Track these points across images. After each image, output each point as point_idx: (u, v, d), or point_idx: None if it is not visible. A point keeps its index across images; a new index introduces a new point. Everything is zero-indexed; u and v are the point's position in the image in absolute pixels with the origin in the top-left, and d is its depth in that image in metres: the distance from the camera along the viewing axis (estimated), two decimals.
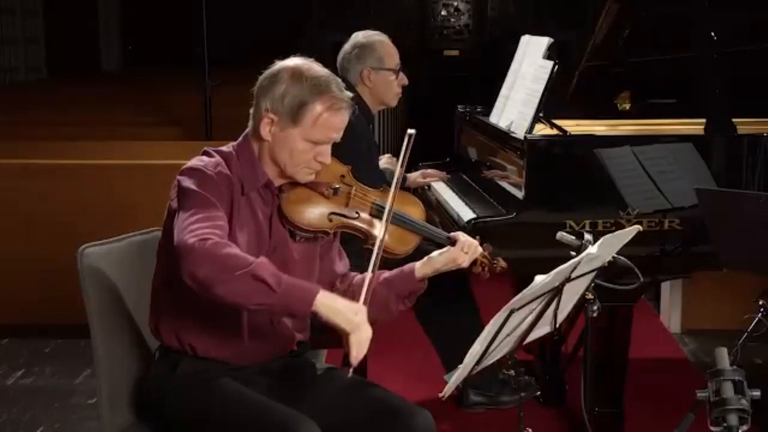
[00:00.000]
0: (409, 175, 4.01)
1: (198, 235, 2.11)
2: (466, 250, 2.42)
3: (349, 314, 2.14)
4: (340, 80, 2.36)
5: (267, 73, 2.35)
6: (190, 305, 2.28)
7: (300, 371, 2.46)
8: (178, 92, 7.75)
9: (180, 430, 2.32)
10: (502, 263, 2.48)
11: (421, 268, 2.45)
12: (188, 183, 2.24)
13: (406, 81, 3.75)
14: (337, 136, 2.34)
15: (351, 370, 2.17)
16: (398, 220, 2.43)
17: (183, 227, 2.15)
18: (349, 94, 2.35)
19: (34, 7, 10.87)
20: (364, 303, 2.20)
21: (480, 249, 2.45)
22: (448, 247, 2.44)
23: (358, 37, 3.73)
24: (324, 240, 2.46)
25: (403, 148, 2.38)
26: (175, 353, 2.36)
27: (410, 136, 2.38)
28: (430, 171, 4.04)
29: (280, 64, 2.36)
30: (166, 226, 2.30)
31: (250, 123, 2.37)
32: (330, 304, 2.14)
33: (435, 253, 2.45)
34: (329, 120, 2.30)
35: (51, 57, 11.16)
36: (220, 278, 2.08)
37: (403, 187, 3.95)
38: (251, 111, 2.36)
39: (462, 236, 2.44)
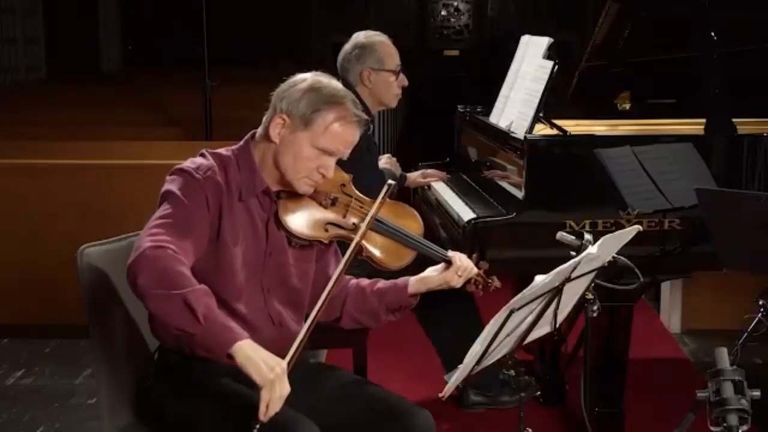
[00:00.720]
0: (409, 174, 4.02)
1: (155, 242, 2.09)
2: (460, 273, 2.42)
3: (264, 369, 2.04)
4: (357, 100, 2.38)
5: (288, 80, 2.37)
6: None
7: (299, 371, 2.46)
8: (178, 92, 7.76)
9: (179, 430, 2.32)
10: (497, 283, 2.48)
11: (414, 284, 2.46)
12: (173, 186, 2.24)
13: (406, 82, 3.74)
14: (344, 150, 2.34)
15: (257, 426, 2.05)
16: (395, 235, 2.43)
17: (148, 227, 2.16)
18: (365, 116, 2.37)
19: (34, 7, 10.88)
20: (292, 358, 2.12)
21: (475, 270, 2.45)
22: (443, 265, 2.44)
23: (359, 37, 3.72)
24: (320, 245, 2.46)
25: (381, 194, 2.40)
26: (174, 353, 2.36)
27: (389, 186, 2.41)
28: (430, 171, 4.04)
29: (301, 75, 2.38)
30: None
31: (261, 126, 2.37)
32: (248, 355, 2.05)
33: (430, 272, 2.46)
34: (339, 130, 2.31)
35: (51, 57, 11.18)
36: (153, 292, 2.05)
37: (403, 186, 3.95)
38: (265, 115, 2.36)
39: (458, 259, 2.43)
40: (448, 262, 2.43)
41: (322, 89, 2.32)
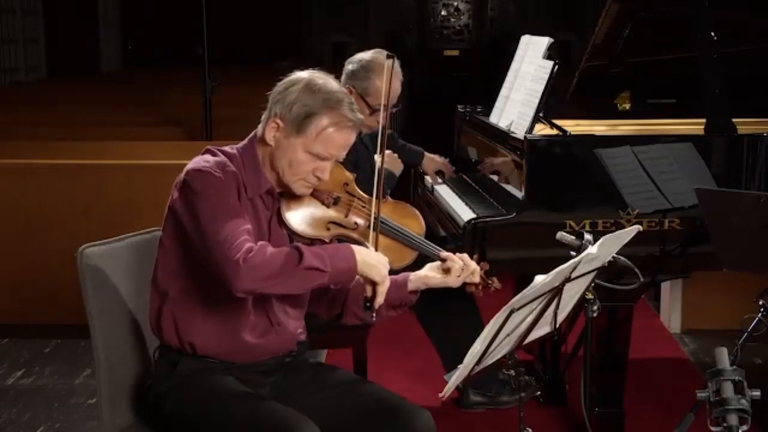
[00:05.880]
0: (428, 155, 3.94)
1: (239, 249, 2.15)
2: (458, 273, 2.42)
3: (382, 269, 2.30)
4: (353, 100, 2.36)
5: (284, 80, 2.36)
6: (193, 300, 2.30)
7: (300, 371, 2.46)
8: (178, 92, 7.76)
9: (180, 430, 2.32)
10: (497, 284, 2.48)
11: (414, 281, 2.46)
12: (201, 188, 2.22)
13: (384, 122, 3.55)
14: (339, 154, 2.34)
15: (374, 315, 2.33)
16: (397, 235, 2.44)
17: (219, 241, 2.16)
18: (360, 116, 2.35)
19: (34, 7, 10.88)
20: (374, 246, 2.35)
21: (475, 267, 2.44)
22: (441, 264, 2.44)
23: (369, 56, 3.48)
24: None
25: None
26: (174, 352, 2.36)
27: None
28: (446, 167, 3.96)
29: (298, 74, 2.36)
30: (169, 221, 2.31)
31: (260, 126, 2.37)
32: (366, 261, 2.28)
33: (431, 271, 2.46)
34: (333, 136, 2.30)
35: (51, 57, 11.17)
36: (275, 281, 2.18)
37: (415, 162, 3.89)
38: (263, 116, 2.36)
39: (458, 262, 2.42)
40: (448, 268, 2.42)
41: (316, 93, 2.29)
